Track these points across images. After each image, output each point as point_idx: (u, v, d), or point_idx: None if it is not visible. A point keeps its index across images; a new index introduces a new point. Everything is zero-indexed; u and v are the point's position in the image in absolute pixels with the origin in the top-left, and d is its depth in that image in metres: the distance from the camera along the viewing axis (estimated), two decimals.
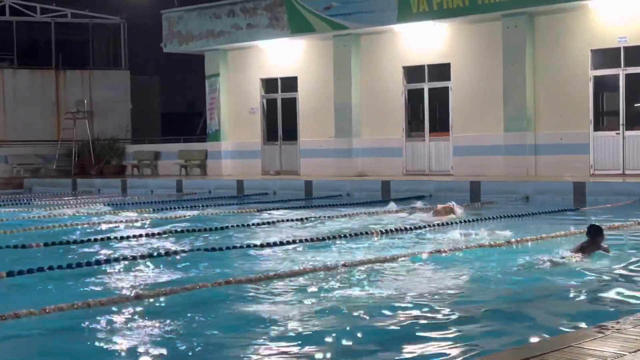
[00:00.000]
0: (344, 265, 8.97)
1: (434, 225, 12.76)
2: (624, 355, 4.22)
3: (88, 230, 13.37)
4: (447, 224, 12.95)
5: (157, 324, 6.72)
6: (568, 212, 14.68)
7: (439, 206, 14.24)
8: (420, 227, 12.62)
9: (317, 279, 8.45)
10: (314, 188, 20.60)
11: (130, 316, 6.94)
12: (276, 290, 7.97)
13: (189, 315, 6.98)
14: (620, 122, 19.35)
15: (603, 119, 20.19)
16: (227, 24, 25.12)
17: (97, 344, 6.15)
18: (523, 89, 20.18)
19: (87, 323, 6.63)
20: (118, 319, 6.81)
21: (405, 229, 12.50)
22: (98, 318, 6.77)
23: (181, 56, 28.47)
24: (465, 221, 13.33)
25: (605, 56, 19.48)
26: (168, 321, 6.75)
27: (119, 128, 31.16)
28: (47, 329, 6.51)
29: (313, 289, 7.98)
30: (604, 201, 15.81)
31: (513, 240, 10.69)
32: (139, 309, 7.17)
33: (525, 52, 20.14)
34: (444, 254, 9.75)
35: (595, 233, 9.33)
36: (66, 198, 21.87)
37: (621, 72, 19.29)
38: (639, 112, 19.49)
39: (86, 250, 11.00)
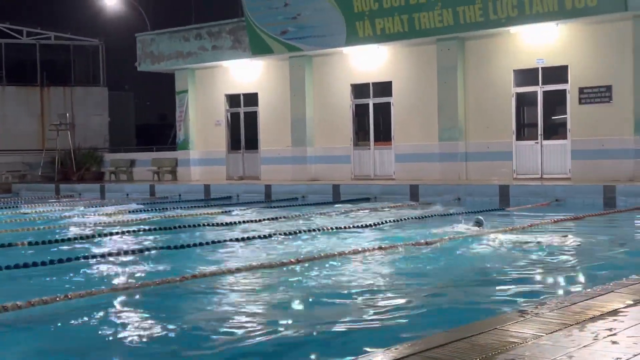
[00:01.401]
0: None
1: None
2: (542, 336, 4.26)
3: (69, 230, 13.16)
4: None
5: (132, 315, 6.63)
6: (496, 212, 14.81)
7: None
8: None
9: (282, 271, 8.35)
10: (272, 191, 20.53)
11: (106, 307, 6.82)
12: (237, 282, 7.89)
13: (161, 306, 6.89)
14: (539, 132, 19.60)
15: (524, 130, 20.43)
16: (194, 46, 24.96)
17: (75, 333, 6.06)
18: (455, 103, 20.36)
19: (68, 314, 6.51)
20: (95, 310, 6.69)
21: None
22: (78, 309, 6.65)
23: (153, 74, 28.22)
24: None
25: (526, 75, 19.72)
26: (141, 312, 6.67)
27: (98, 138, 30.85)
28: (32, 320, 6.37)
29: (281, 281, 7.91)
30: (525, 202, 15.99)
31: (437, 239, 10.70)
32: (113, 300, 7.06)
33: (456, 71, 20.32)
34: (383, 251, 9.72)
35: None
36: (50, 201, 21.57)
37: (539, 90, 19.54)
38: (555, 124, 19.72)
39: (67, 247, 10.79)
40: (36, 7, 38.54)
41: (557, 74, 19.15)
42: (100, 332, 6.02)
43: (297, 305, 6.85)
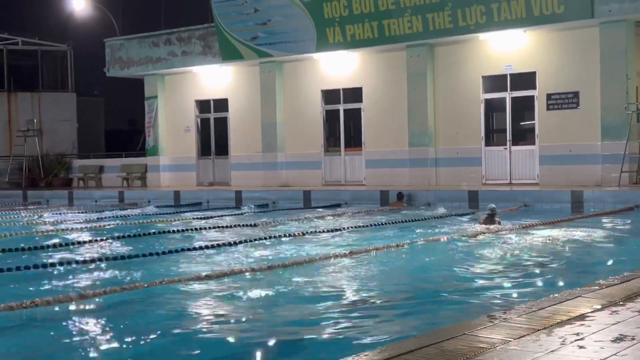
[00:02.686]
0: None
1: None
2: (510, 341, 4.27)
3: (36, 237, 12.97)
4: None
5: (100, 322, 6.55)
6: (465, 216, 14.89)
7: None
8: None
9: (263, 274, 8.30)
10: (243, 197, 20.46)
11: (74, 314, 6.73)
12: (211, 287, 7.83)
13: (128, 313, 6.82)
14: (508, 138, 19.75)
15: (493, 135, 20.58)
16: (164, 51, 24.82)
17: (43, 339, 5.97)
18: (425, 109, 20.45)
19: (35, 321, 6.43)
20: (63, 317, 6.60)
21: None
22: (45, 316, 6.57)
23: (123, 80, 28.00)
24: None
25: (494, 82, 19.88)
26: (109, 319, 6.59)
27: (66, 144, 30.52)
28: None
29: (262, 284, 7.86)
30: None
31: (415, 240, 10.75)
32: (82, 307, 6.97)
33: (426, 77, 20.42)
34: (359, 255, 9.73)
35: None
36: (17, 208, 21.26)
37: (508, 96, 19.71)
38: (523, 130, 19.90)
39: (33, 255, 10.62)
40: (3, 11, 38.08)
41: (525, 80, 19.32)
42: (64, 340, 5.93)
43: (266, 311, 6.80)
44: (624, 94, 17.59)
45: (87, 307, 7.04)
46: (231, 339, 5.95)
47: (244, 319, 6.54)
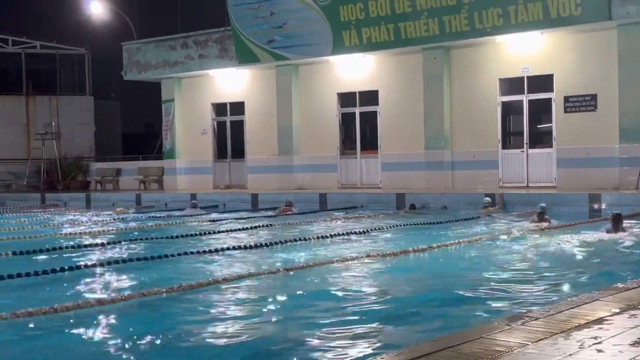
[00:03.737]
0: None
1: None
2: (527, 344, 4.26)
3: (54, 240, 13.04)
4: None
5: (120, 327, 6.58)
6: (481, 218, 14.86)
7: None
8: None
9: (283, 277, 8.32)
10: (259, 200, 20.49)
11: (93, 320, 6.75)
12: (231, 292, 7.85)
13: (145, 317, 6.85)
14: (525, 141, 19.68)
15: (510, 138, 20.50)
16: (181, 55, 24.93)
17: (62, 345, 6.01)
18: (441, 112, 20.42)
19: (54, 326, 6.43)
20: (82, 322, 6.63)
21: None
22: (64, 321, 6.58)
23: (140, 83, 28.14)
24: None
25: (511, 84, 19.81)
26: (129, 324, 6.63)
27: (83, 147, 30.67)
28: (17, 332, 6.27)
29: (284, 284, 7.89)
30: (512, 209, 16.04)
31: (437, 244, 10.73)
32: (101, 313, 6.99)
33: (442, 80, 20.39)
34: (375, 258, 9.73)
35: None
36: (35, 211, 21.42)
37: (525, 98, 19.63)
38: (541, 133, 19.81)
39: (52, 258, 10.68)
40: (22, 16, 38.39)
41: (543, 82, 19.25)
42: (87, 344, 5.97)
43: (286, 312, 6.82)
44: None
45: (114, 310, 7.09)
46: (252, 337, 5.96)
47: (267, 319, 6.57)
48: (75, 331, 6.38)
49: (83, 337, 6.19)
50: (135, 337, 6.06)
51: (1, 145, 29.50)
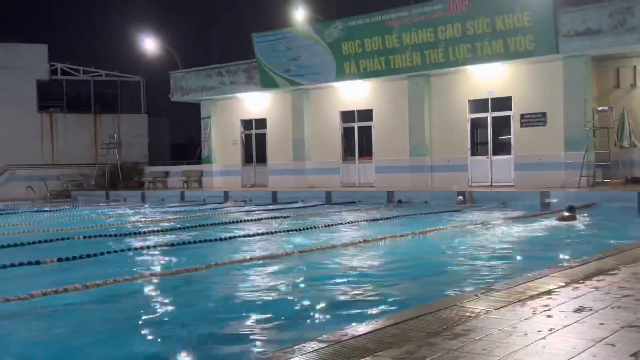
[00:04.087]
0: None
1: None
2: (491, 311, 4.26)
3: (118, 227, 13.10)
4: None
5: (167, 299, 6.60)
6: (456, 212, 14.84)
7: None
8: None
9: (298, 258, 8.28)
10: (278, 196, 20.52)
11: (146, 290, 6.79)
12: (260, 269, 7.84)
13: (188, 290, 6.84)
14: (489, 149, 19.64)
15: (477, 147, 20.45)
16: (216, 81, 24.96)
17: (116, 313, 6.02)
18: (422, 126, 20.39)
19: (117, 295, 6.45)
20: (138, 291, 6.66)
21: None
22: (124, 291, 6.62)
23: (184, 103, 28.13)
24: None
25: (478, 104, 19.77)
26: (173, 296, 6.64)
27: (139, 155, 30.80)
28: (89, 301, 6.27)
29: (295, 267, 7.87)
30: (479, 204, 16.01)
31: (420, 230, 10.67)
32: (152, 284, 7.02)
33: (424, 101, 20.37)
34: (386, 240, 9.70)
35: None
36: (101, 204, 21.50)
37: (489, 115, 19.59)
38: (502, 143, 19.74)
39: (116, 241, 10.71)
40: (90, 50, 38.54)
41: (503, 103, 19.20)
42: (139, 313, 5.98)
43: (299, 286, 6.82)
44: (582, 114, 17.42)
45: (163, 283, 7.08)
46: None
47: (287, 289, 6.55)
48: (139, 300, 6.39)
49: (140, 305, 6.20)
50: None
51: (75, 152, 29.64)
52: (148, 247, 9.69)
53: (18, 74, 28.67)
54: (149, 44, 27.74)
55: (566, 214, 11.77)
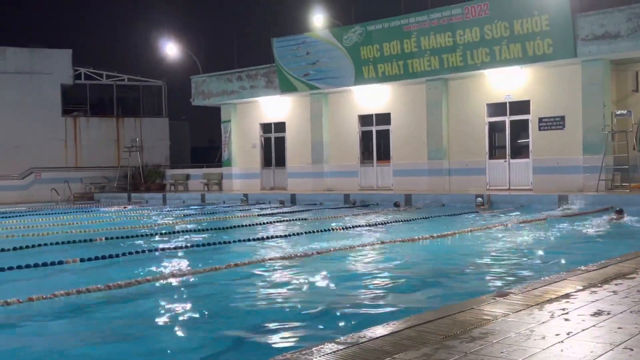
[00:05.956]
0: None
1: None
2: (509, 314, 4.24)
3: (139, 229, 13.21)
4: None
5: (187, 297, 6.65)
6: (472, 214, 14.75)
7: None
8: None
9: (314, 259, 8.32)
10: (297, 198, 20.55)
11: (167, 289, 6.85)
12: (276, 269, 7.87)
13: (207, 290, 6.90)
14: (507, 153, 19.50)
15: (495, 151, 20.32)
16: (236, 86, 25.10)
17: (140, 310, 6.08)
18: (440, 130, 20.31)
19: (135, 297, 6.49)
20: (160, 291, 6.72)
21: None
22: (144, 292, 6.66)
23: (204, 107, 28.35)
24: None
25: (496, 108, 19.65)
26: (192, 294, 6.68)
27: (160, 157, 31.02)
28: (110, 301, 6.33)
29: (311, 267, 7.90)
30: (497, 207, 15.91)
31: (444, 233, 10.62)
32: (173, 284, 7.08)
33: (442, 105, 20.29)
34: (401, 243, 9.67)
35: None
36: (123, 206, 21.68)
37: (507, 119, 19.46)
38: (520, 146, 19.59)
39: (138, 242, 10.80)
40: (113, 55, 39.01)
41: (521, 106, 19.06)
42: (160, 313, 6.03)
43: (317, 286, 6.82)
44: (601, 118, 17.24)
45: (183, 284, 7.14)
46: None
47: (301, 292, 6.57)
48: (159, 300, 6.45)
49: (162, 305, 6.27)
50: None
51: (98, 155, 29.92)
52: (169, 249, 9.76)
53: (43, 78, 29.08)
54: (171, 49, 27.98)
55: (615, 216, 12.16)
